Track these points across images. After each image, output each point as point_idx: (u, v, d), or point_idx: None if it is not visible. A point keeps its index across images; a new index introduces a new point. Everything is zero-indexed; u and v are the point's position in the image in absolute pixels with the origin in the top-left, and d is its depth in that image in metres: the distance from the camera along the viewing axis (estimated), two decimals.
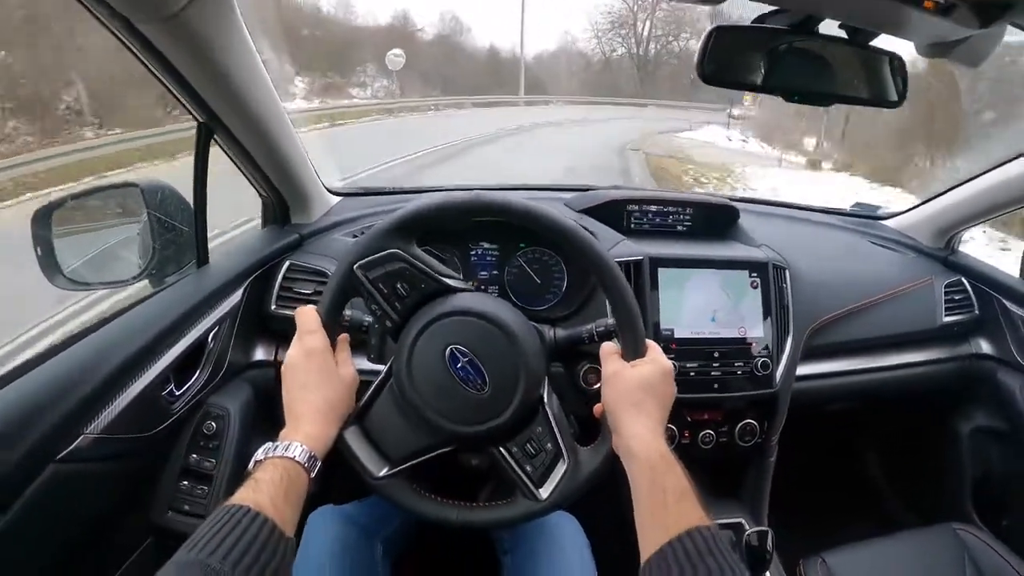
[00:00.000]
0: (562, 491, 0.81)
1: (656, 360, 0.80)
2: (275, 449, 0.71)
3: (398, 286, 0.82)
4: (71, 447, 0.80)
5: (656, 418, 0.76)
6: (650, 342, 0.83)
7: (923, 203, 1.64)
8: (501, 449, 0.82)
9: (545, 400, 0.83)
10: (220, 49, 0.88)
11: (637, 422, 0.75)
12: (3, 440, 0.73)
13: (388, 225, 0.83)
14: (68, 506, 0.82)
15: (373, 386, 0.84)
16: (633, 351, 0.81)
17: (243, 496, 0.63)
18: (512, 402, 0.79)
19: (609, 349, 0.83)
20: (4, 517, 0.72)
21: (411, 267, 0.83)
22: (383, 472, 0.82)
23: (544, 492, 0.81)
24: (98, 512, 0.90)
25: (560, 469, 0.82)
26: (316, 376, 0.78)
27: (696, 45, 0.80)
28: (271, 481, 0.66)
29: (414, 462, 0.83)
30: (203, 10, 0.80)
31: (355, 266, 0.82)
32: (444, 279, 0.84)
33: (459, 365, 0.79)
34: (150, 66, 0.88)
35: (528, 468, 0.82)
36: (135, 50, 0.84)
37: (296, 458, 0.70)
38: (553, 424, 0.82)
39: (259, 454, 0.71)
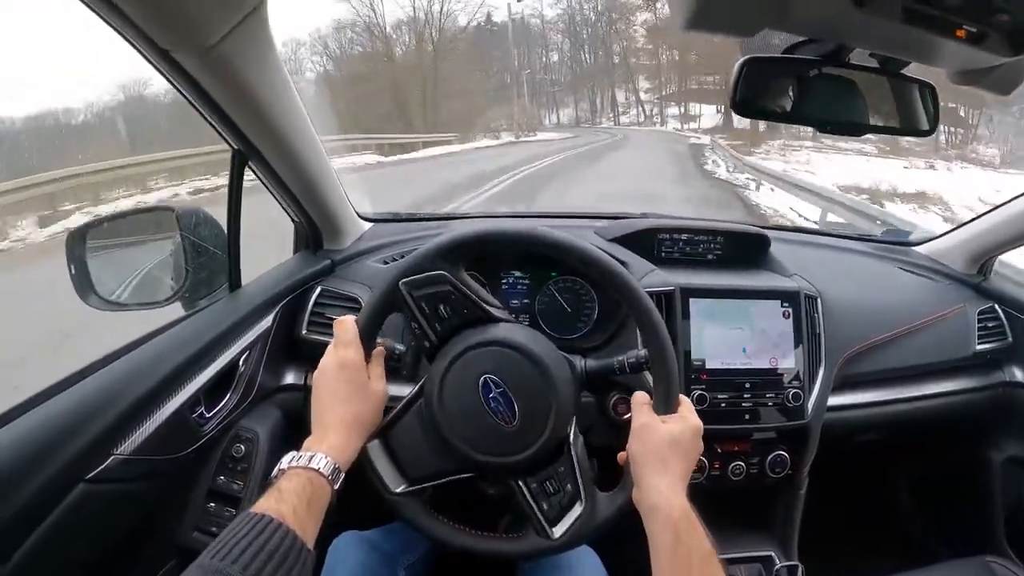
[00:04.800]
0: (575, 533, 0.81)
1: (687, 419, 0.80)
2: (300, 459, 0.71)
3: (440, 308, 0.83)
4: (101, 467, 0.81)
5: (680, 476, 0.75)
6: (682, 397, 0.83)
7: (956, 228, 1.61)
8: (520, 483, 0.82)
9: (571, 440, 0.83)
10: (255, 79, 0.90)
11: (661, 478, 0.74)
12: (35, 459, 0.74)
13: (439, 247, 0.84)
14: (97, 525, 0.83)
15: (402, 403, 0.85)
16: (665, 405, 0.81)
17: (266, 505, 0.63)
18: (539, 439, 0.80)
19: (641, 400, 0.82)
20: (34, 535, 0.73)
21: (456, 291, 0.83)
22: (400, 488, 0.82)
23: (557, 531, 0.81)
24: (126, 531, 0.91)
25: (576, 511, 0.82)
26: (347, 388, 0.78)
27: None
28: (294, 491, 0.66)
29: (432, 484, 0.83)
30: (240, 42, 0.82)
31: (401, 282, 0.83)
32: (488, 308, 0.85)
33: (491, 395, 0.80)
34: (187, 95, 0.90)
35: (544, 506, 0.81)
36: (173, 81, 0.86)
37: (320, 469, 0.70)
38: (576, 465, 0.82)
39: (283, 463, 0.71)
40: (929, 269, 1.57)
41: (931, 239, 1.67)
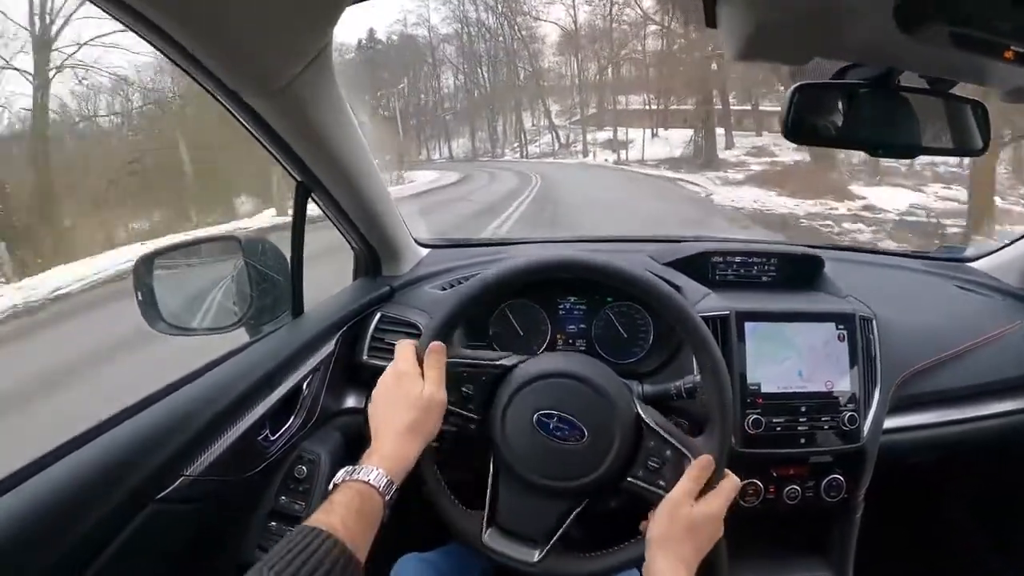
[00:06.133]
0: None
1: (714, 504, 0.80)
2: (352, 472, 0.74)
3: (463, 389, 0.87)
4: (171, 487, 0.84)
5: (683, 558, 0.76)
6: (727, 476, 0.83)
7: (1012, 242, 1.57)
8: (629, 479, 0.83)
9: (642, 415, 0.84)
10: (320, 117, 0.95)
11: (662, 558, 0.76)
12: (110, 478, 0.77)
13: (427, 338, 0.87)
14: (164, 543, 0.86)
15: (489, 486, 0.88)
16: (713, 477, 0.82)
17: (317, 518, 0.67)
18: (614, 436, 0.82)
19: (688, 471, 0.81)
20: (104, 553, 0.75)
21: (465, 366, 0.87)
22: (537, 557, 0.84)
23: None
24: (191, 550, 0.93)
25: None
26: (401, 398, 0.82)
27: None
28: (344, 503, 0.70)
29: (559, 533, 0.85)
30: (306, 84, 0.86)
31: None
32: (497, 362, 0.88)
33: (551, 427, 0.82)
34: (255, 134, 0.95)
35: (661, 482, 0.83)
36: (242, 120, 0.91)
37: (371, 481, 0.73)
38: (661, 432, 0.84)
39: (338, 477, 0.75)
40: (985, 286, 1.52)
41: (986, 254, 1.63)
